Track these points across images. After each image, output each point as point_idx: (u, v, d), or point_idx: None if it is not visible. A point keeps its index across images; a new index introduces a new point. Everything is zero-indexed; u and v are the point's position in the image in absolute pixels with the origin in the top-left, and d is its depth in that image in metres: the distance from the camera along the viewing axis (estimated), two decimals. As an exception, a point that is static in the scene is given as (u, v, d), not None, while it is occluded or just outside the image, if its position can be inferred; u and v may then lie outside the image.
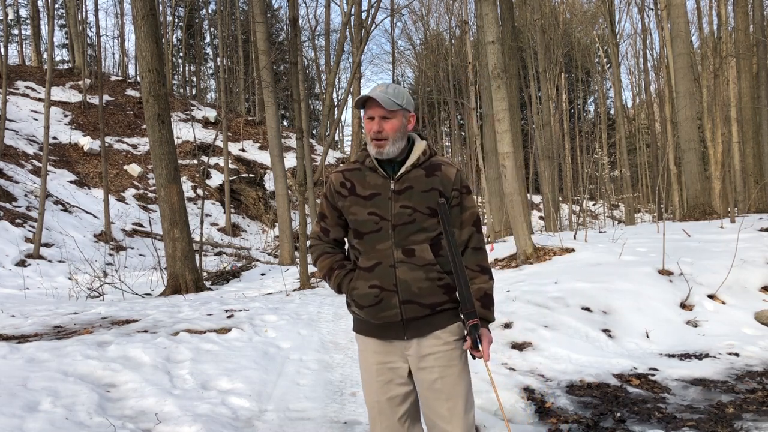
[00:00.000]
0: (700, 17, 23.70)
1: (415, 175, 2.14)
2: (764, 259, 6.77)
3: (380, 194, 2.13)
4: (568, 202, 26.42)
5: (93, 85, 26.38)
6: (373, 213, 2.12)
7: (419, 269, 2.09)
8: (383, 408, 2.19)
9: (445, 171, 2.16)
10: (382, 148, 2.10)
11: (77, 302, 8.43)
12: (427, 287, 2.10)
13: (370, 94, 2.10)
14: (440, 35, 39.35)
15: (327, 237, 2.29)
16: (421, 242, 2.11)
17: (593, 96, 43.52)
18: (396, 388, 2.19)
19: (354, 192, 2.16)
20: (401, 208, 2.10)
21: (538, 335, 5.05)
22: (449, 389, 2.12)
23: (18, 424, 3.05)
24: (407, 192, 2.11)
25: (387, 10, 27.33)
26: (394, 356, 2.18)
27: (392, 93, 2.11)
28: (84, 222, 16.34)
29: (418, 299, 2.09)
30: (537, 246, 8.66)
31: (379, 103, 2.08)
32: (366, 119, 2.13)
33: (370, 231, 2.13)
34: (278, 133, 14.37)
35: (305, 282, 8.97)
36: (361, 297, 2.13)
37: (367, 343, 2.22)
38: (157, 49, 9.36)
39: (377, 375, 2.19)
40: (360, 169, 2.19)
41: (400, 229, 2.10)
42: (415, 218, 2.10)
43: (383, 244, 2.11)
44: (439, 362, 2.12)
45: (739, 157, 17.65)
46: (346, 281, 2.19)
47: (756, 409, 3.78)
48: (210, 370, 4.17)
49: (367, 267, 2.13)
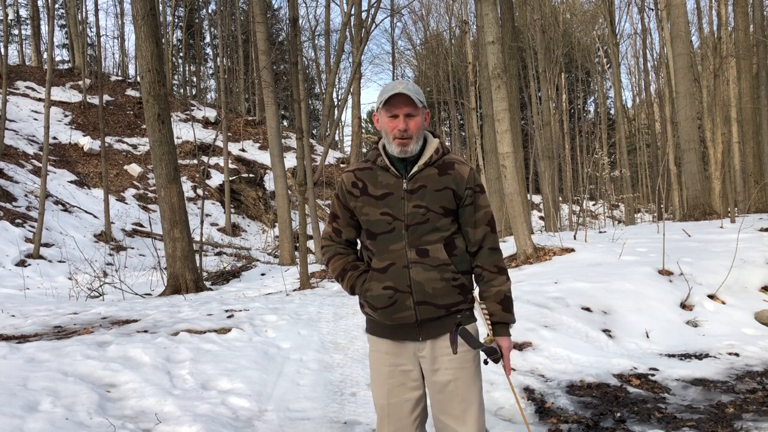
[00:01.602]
0: (700, 17, 23.70)
1: (428, 173, 2.09)
2: (764, 259, 6.77)
3: (393, 194, 2.09)
4: (568, 202, 26.40)
5: (93, 85, 26.37)
6: (386, 213, 2.09)
7: (433, 270, 2.06)
8: (393, 411, 2.15)
9: (459, 169, 2.11)
10: (407, 146, 2.05)
11: (77, 302, 8.42)
12: (441, 288, 2.06)
13: (399, 90, 2.02)
14: (440, 35, 39.35)
15: (339, 238, 2.25)
16: (435, 242, 2.07)
17: (593, 96, 43.51)
18: (408, 392, 2.16)
19: (366, 192, 2.13)
20: (414, 207, 2.07)
21: (538, 335, 5.05)
22: (463, 391, 2.10)
23: (18, 424, 3.05)
24: (420, 191, 2.07)
25: (387, 10, 27.34)
26: (405, 359, 2.15)
27: (414, 90, 2.05)
28: (84, 222, 16.34)
29: (432, 300, 2.06)
30: (537, 246, 8.66)
31: (407, 100, 2.03)
32: (388, 117, 2.06)
33: (383, 231, 2.10)
34: (278, 133, 14.37)
35: (305, 282, 8.97)
36: (375, 299, 2.10)
37: (380, 345, 2.19)
38: (157, 49, 9.36)
39: (389, 377, 2.16)
40: (372, 169, 2.15)
41: (413, 229, 2.07)
42: (428, 218, 2.06)
43: (397, 245, 2.08)
44: (453, 364, 2.09)
45: (739, 157, 17.64)
46: (359, 283, 2.15)
47: (756, 409, 3.78)
48: (210, 370, 4.17)
49: (381, 268, 2.09)
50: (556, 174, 25.54)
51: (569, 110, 37.21)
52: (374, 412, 3.51)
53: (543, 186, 20.13)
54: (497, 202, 13.00)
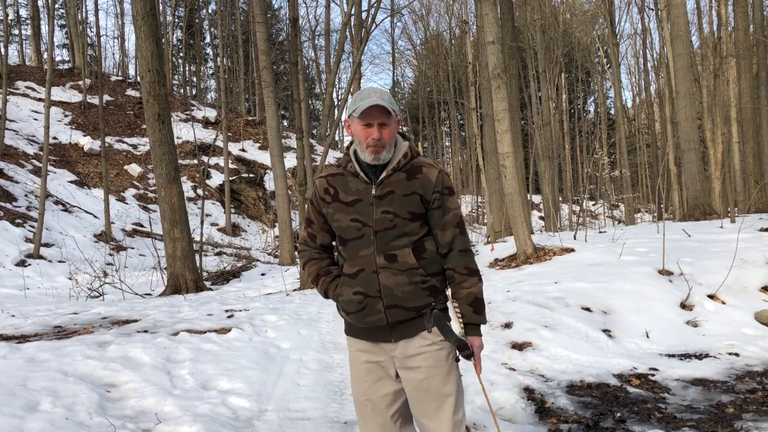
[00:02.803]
0: (700, 17, 23.69)
1: (396, 179, 2.11)
2: (764, 259, 6.77)
3: (362, 200, 2.12)
4: (568, 202, 26.39)
5: (93, 85, 26.37)
6: (356, 219, 2.12)
7: (402, 274, 2.08)
8: (375, 406, 2.20)
9: (427, 173, 2.12)
10: (379, 154, 2.08)
11: (77, 302, 8.42)
12: (410, 291, 2.09)
13: (374, 101, 2.04)
14: (440, 35, 39.36)
15: (314, 243, 2.29)
16: (403, 247, 2.10)
17: (593, 96, 43.52)
18: (386, 387, 2.20)
19: (337, 198, 2.16)
20: (382, 213, 2.09)
21: (538, 335, 5.05)
22: (437, 389, 2.13)
23: (18, 424, 3.05)
24: (388, 197, 2.10)
25: (387, 10, 27.34)
26: (382, 356, 2.19)
27: (388, 99, 2.08)
28: (84, 222, 16.34)
29: (402, 303, 2.10)
30: (537, 246, 8.66)
31: (382, 110, 2.05)
32: (362, 126, 2.07)
33: (353, 237, 2.13)
34: (278, 133, 14.37)
35: (305, 282, 8.97)
36: (346, 303, 2.15)
37: (357, 344, 2.25)
38: (157, 49, 9.36)
39: (366, 374, 2.21)
40: (343, 174, 2.18)
41: (381, 234, 2.09)
42: (396, 223, 2.09)
43: (366, 251, 2.11)
44: (426, 362, 2.12)
45: (739, 157, 17.64)
46: (332, 288, 2.20)
47: (756, 409, 3.78)
48: (210, 370, 4.17)
49: (351, 273, 2.13)
50: (556, 174, 25.53)
51: (569, 110, 37.21)
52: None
53: (543, 186, 20.13)
54: (497, 202, 13.00)
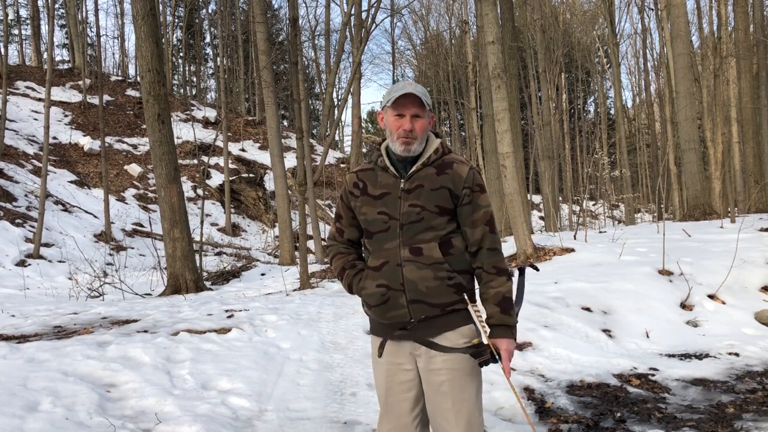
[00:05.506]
0: (700, 17, 23.69)
1: (425, 173, 2.10)
2: (764, 259, 6.78)
3: (390, 193, 2.11)
4: (568, 202, 26.39)
5: (93, 85, 26.36)
6: (383, 212, 2.11)
7: (427, 268, 2.05)
8: (393, 408, 2.17)
9: (457, 169, 2.11)
10: (410, 146, 2.07)
11: (77, 302, 8.42)
12: (435, 287, 2.06)
13: (409, 90, 2.04)
14: (440, 35, 39.36)
15: (342, 237, 2.29)
16: (429, 240, 2.07)
17: (593, 96, 43.51)
18: (407, 391, 2.17)
19: (366, 192, 2.16)
20: (410, 206, 2.08)
21: (538, 335, 5.05)
22: (456, 392, 2.09)
23: (18, 424, 3.05)
24: (417, 190, 2.09)
25: (387, 10, 27.36)
26: (403, 358, 2.16)
27: (422, 92, 2.07)
28: (84, 222, 16.34)
29: (426, 299, 2.06)
30: (537, 246, 8.66)
31: (415, 101, 2.05)
32: (394, 116, 2.07)
33: (379, 230, 2.12)
34: (278, 133, 14.36)
35: (305, 282, 8.97)
36: (369, 296, 2.13)
37: (379, 344, 2.21)
38: (157, 49, 9.36)
39: (387, 375, 2.18)
40: (373, 169, 2.19)
41: (407, 227, 2.08)
42: (423, 216, 2.07)
43: (391, 243, 2.10)
44: (447, 365, 2.08)
45: (739, 157, 17.65)
46: (356, 281, 2.19)
47: (756, 409, 3.78)
48: (210, 370, 4.17)
49: (375, 266, 2.12)
50: (556, 174, 25.53)
51: (569, 110, 37.22)
52: (374, 411, 3.52)
53: (543, 186, 20.13)
54: (497, 202, 13.00)
